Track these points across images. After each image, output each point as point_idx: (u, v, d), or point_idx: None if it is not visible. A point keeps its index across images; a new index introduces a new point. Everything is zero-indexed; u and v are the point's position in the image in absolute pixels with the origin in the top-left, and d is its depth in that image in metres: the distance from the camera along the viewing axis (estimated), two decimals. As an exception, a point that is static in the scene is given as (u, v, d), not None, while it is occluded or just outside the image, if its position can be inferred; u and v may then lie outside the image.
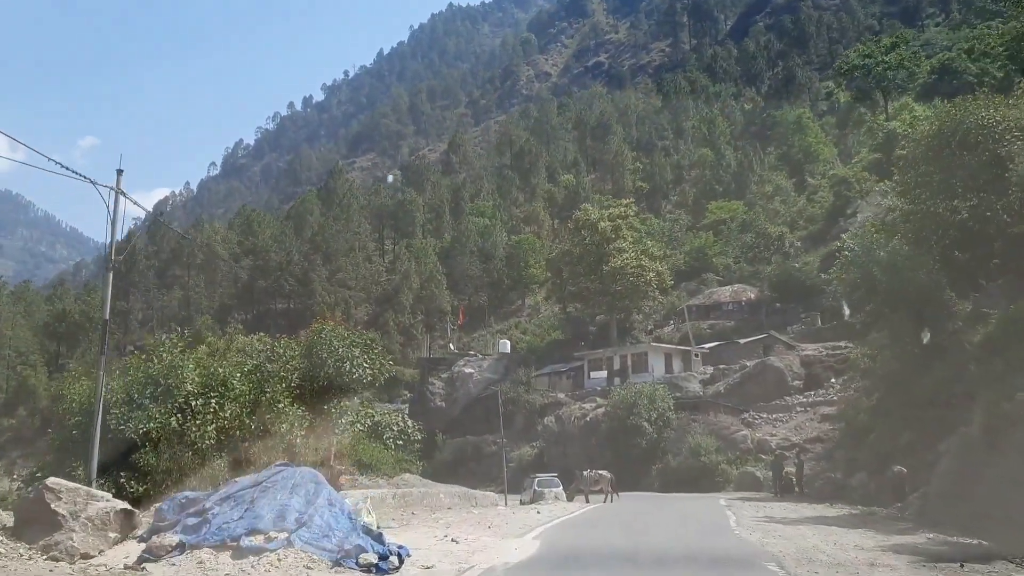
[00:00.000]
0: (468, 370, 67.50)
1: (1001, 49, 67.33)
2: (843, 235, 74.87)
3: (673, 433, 47.86)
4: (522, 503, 34.27)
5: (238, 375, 19.89)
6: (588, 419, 52.45)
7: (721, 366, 56.46)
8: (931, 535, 15.30)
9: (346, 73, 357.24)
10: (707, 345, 60.71)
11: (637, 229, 71.74)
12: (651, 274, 63.73)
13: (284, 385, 20.19)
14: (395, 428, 23.62)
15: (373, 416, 23.64)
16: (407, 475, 20.46)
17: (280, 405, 19.03)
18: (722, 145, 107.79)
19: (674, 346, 60.53)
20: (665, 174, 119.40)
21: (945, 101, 74.80)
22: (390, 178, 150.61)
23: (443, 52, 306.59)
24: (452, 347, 76.75)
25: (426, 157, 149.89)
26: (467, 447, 61.93)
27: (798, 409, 49.46)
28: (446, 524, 15.67)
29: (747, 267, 77.32)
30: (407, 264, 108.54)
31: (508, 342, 71.85)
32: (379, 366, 23.54)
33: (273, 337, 27.33)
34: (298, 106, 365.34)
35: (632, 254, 64.26)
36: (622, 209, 66.85)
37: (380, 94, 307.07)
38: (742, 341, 58.92)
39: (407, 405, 71.15)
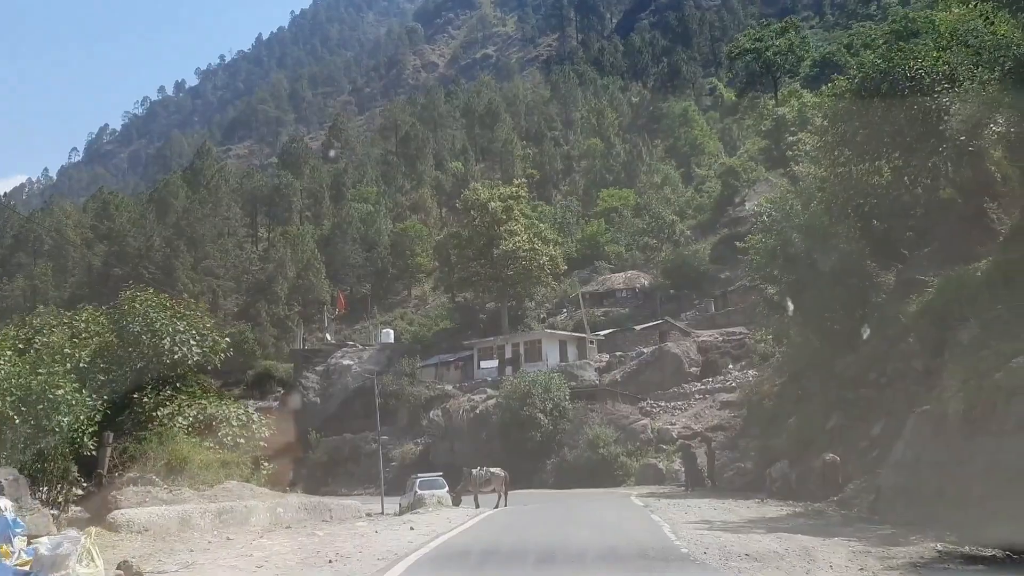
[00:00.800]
0: (346, 362, 61.97)
1: (882, 43, 67.50)
2: (748, 204, 74.05)
3: (569, 424, 44.16)
4: (400, 509, 29.55)
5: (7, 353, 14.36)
6: (478, 411, 48.15)
7: (617, 353, 53.31)
8: (939, 545, 11.59)
9: (222, 58, 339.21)
10: (602, 332, 57.50)
11: (528, 216, 68.00)
12: (544, 258, 60.07)
13: (69, 365, 14.78)
14: (235, 424, 18.61)
15: (206, 408, 18.55)
16: (231, 483, 15.45)
17: (59, 392, 13.67)
18: (611, 135, 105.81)
19: (569, 333, 57.02)
20: (555, 164, 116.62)
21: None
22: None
23: (326, 39, 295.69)
24: (329, 337, 70.87)
25: (307, 145, 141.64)
26: (344, 446, 56.49)
27: (696, 396, 46.75)
28: (264, 557, 10.58)
29: (639, 255, 75.00)
30: (282, 252, 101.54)
31: (391, 331, 66.72)
32: (211, 345, 18.32)
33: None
34: (169, 91, 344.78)
35: (524, 237, 60.43)
36: (513, 190, 62.90)
37: (259, 80, 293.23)
38: (638, 328, 56.00)
39: (277, 403, 65.09)
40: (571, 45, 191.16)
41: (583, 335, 55.92)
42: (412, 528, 16.09)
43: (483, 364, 55.05)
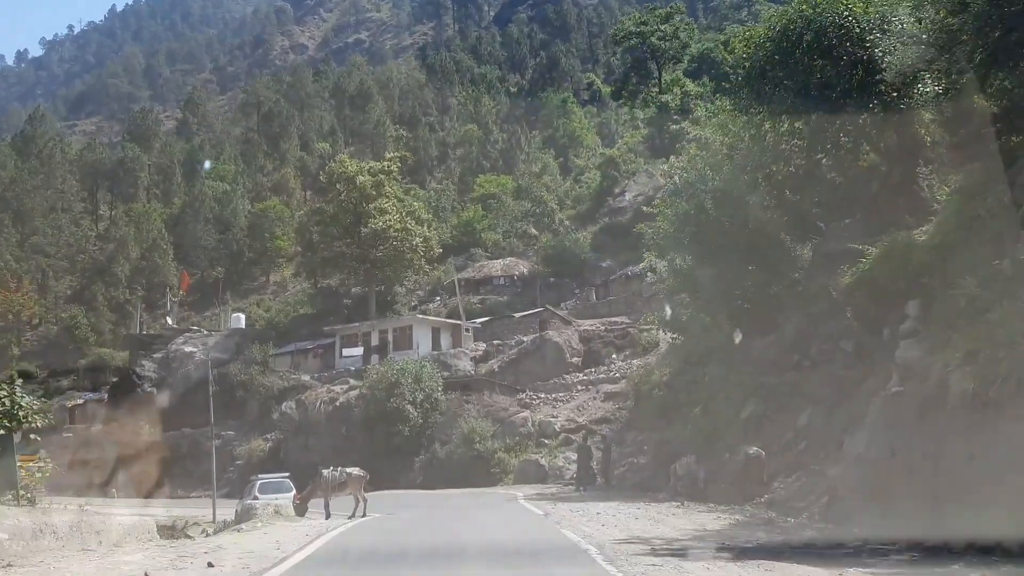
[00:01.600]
0: (189, 349, 54.94)
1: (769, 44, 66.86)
2: (628, 195, 71.66)
3: (442, 418, 39.62)
4: (236, 516, 24.14)
5: None
6: (338, 404, 42.81)
7: (495, 342, 49.23)
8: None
9: (70, 28, 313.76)
10: (479, 320, 53.28)
11: (402, 199, 62.82)
12: (417, 239, 55.23)
13: None
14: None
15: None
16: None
17: None
18: (490, 122, 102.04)
19: (442, 319, 52.46)
20: (430, 149, 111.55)
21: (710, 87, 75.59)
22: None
23: (187, 14, 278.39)
24: (170, 321, 63.21)
25: (157, 117, 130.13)
26: (183, 442, 49.71)
27: (579, 388, 43.22)
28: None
29: (518, 243, 71.31)
30: (124, 230, 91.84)
31: (243, 316, 60.02)
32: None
33: None
34: (9, 60, 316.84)
35: (396, 216, 55.37)
36: (385, 164, 57.66)
37: (111, 53, 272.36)
38: (517, 315, 52.15)
39: (107, 395, 57.36)
40: (448, 34, 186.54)
41: (458, 322, 51.52)
42: (210, 566, 10.77)
43: (345, 352, 49.66)
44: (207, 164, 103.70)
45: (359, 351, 48.44)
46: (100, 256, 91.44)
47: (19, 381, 16.88)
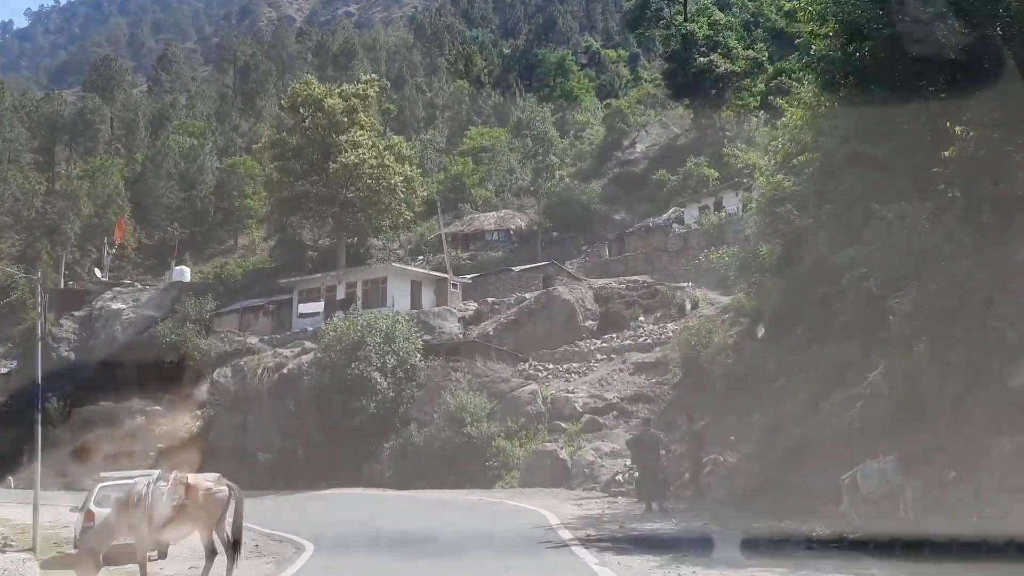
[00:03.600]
0: (117, 306, 43.59)
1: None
2: (639, 146, 60.66)
3: (420, 391, 28.66)
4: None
5: None
6: (286, 371, 31.68)
7: (490, 299, 38.19)
8: None
9: (56, 0, 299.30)
10: (469, 276, 42.27)
11: (380, 132, 51.31)
12: (397, 178, 43.89)
13: None
14: None
15: None
16: None
17: None
18: (482, 77, 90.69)
19: (424, 271, 41.32)
20: (416, 110, 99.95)
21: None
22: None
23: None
24: (99, 274, 51.66)
25: (122, 67, 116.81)
26: (99, 419, 38.43)
27: (598, 356, 32.24)
28: None
29: (513, 199, 60.11)
30: (77, 185, 79.87)
31: (187, 269, 48.66)
32: None
33: None
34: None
35: (373, 149, 44.06)
36: (361, 87, 46.09)
37: (97, 25, 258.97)
38: (516, 269, 41.19)
39: (15, 361, 46.11)
40: (439, 3, 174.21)
41: (443, 275, 40.46)
42: None
43: (303, 309, 38.49)
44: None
45: (319, 307, 37.23)
46: (50, 212, 79.55)
47: None
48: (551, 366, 31.68)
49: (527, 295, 37.02)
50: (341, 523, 17.22)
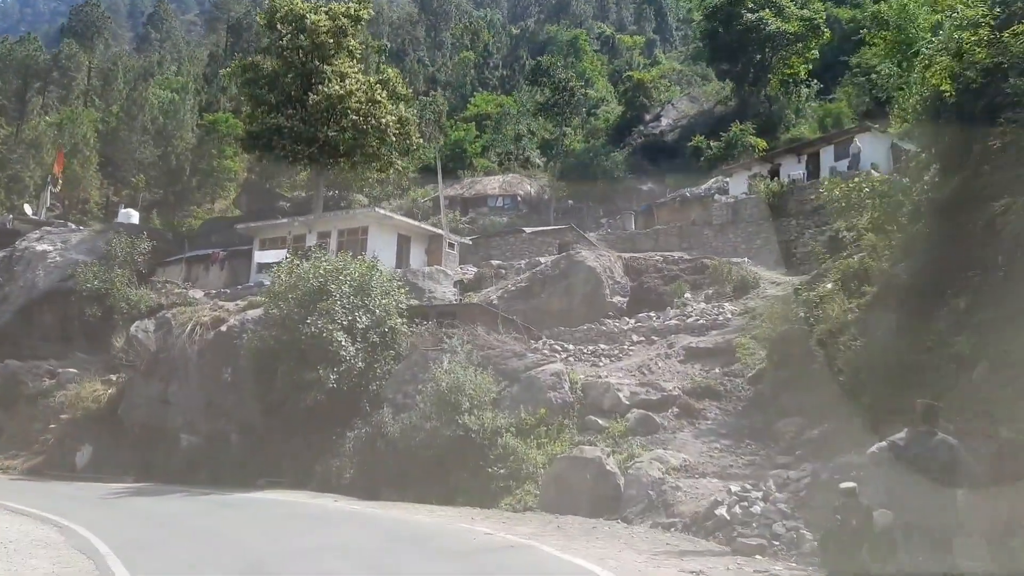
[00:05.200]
0: (42, 247, 35.12)
1: None
2: (665, 120, 52.54)
3: (399, 364, 20.54)
4: None
5: None
6: (224, 329, 23.35)
7: (494, 262, 30.08)
8: None
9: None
10: (469, 238, 34.20)
11: (368, 63, 43.11)
12: (388, 118, 35.78)
13: None
14: None
15: None
16: None
17: None
18: (490, 46, 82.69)
19: (414, 223, 33.11)
20: (418, 84, 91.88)
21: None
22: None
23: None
24: (29, 211, 43.12)
25: (104, 14, 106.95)
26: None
27: (634, 339, 24.21)
28: None
29: (520, 170, 51.96)
30: (42, 132, 71.27)
31: (135, 213, 40.21)
32: None
33: None
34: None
35: (361, 81, 35.97)
36: (352, 6, 37.76)
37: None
38: (528, 230, 33.10)
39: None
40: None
41: (437, 230, 32.32)
42: None
43: (262, 258, 30.25)
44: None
45: (280, 254, 28.82)
46: (9, 157, 70.85)
47: None
48: (571, 347, 23.63)
49: (542, 259, 28.95)
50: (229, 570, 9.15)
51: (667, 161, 45.27)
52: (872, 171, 28.89)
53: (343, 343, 19.46)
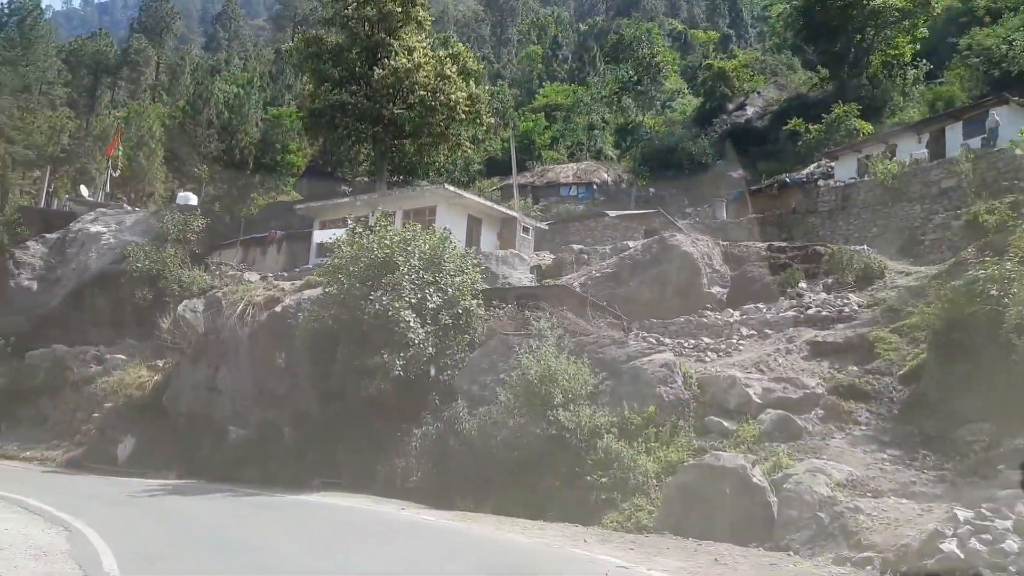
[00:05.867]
0: (96, 229, 33.45)
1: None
2: (750, 109, 48.85)
3: (474, 352, 17.60)
4: None
5: None
6: (279, 310, 20.79)
7: (575, 246, 26.98)
8: None
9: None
10: (546, 223, 31.22)
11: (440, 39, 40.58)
12: (459, 94, 33.14)
13: None
14: None
15: None
16: None
17: None
18: (559, 37, 79.76)
19: (487, 202, 30.26)
20: (483, 83, 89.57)
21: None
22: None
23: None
24: (86, 192, 41.77)
25: (172, 9, 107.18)
26: (44, 365, 28.34)
27: (743, 331, 20.83)
28: None
29: (592, 163, 48.69)
30: (108, 125, 71.17)
31: (194, 196, 38.43)
32: None
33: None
34: (76, 3, 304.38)
35: (429, 55, 33.42)
36: (423, -24, 35.22)
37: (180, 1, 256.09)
38: (612, 214, 29.93)
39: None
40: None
41: (511, 212, 29.42)
42: None
43: (319, 237, 27.76)
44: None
45: (340, 233, 26.22)
46: (77, 150, 70.89)
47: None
48: (667, 341, 20.36)
49: (631, 243, 25.77)
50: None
51: (757, 147, 41.55)
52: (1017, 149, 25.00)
53: (411, 324, 16.62)
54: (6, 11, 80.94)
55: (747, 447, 13.11)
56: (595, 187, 40.19)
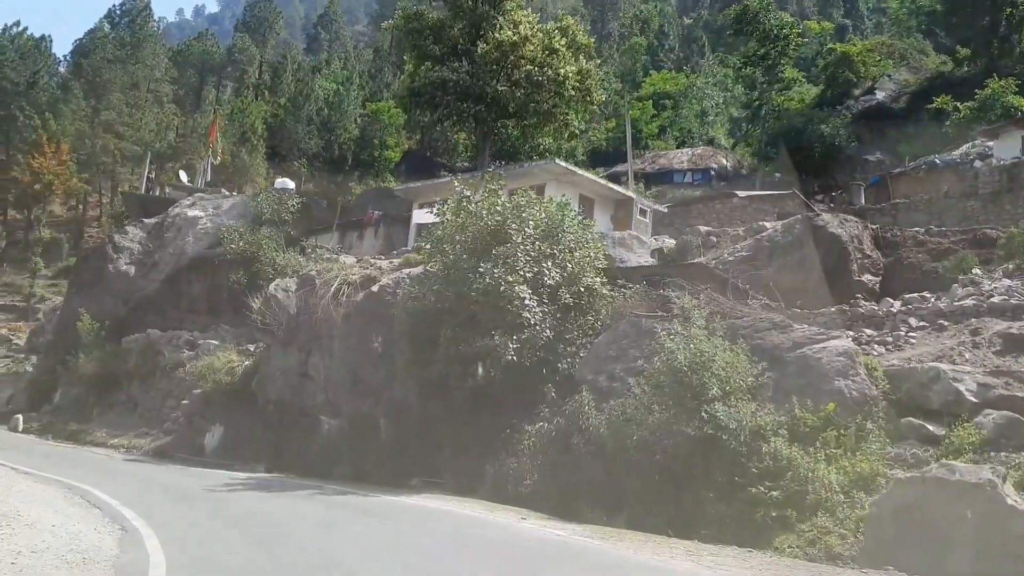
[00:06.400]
0: (193, 213, 32.62)
1: None
2: (880, 93, 44.63)
3: (600, 336, 15.03)
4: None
5: None
6: (377, 289, 18.80)
7: (702, 227, 24.10)
8: None
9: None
10: (664, 204, 28.43)
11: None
12: (569, 69, 30.74)
13: None
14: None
15: None
16: None
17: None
18: (665, 26, 76.38)
19: (601, 180, 27.70)
20: (593, 59, 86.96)
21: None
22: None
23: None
24: (184, 178, 41.34)
25: (276, 8, 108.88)
26: (136, 351, 27.46)
27: (912, 323, 17.47)
28: None
29: (705, 150, 45.27)
30: (208, 120, 72.42)
31: (291, 182, 37.32)
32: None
33: None
34: (188, 14, 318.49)
35: (536, 28, 31.17)
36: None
37: (282, 9, 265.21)
38: (741, 194, 26.92)
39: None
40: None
41: (627, 193, 26.75)
42: None
43: (419, 218, 25.86)
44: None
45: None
46: (181, 146, 72.39)
47: None
48: (820, 332, 17.21)
49: (768, 223, 22.69)
50: None
51: (895, 130, 37.46)
52: None
53: (526, 301, 14.21)
54: (118, 12, 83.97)
55: (969, 457, 10.07)
56: (713, 173, 36.97)
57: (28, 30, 76.13)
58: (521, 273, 14.49)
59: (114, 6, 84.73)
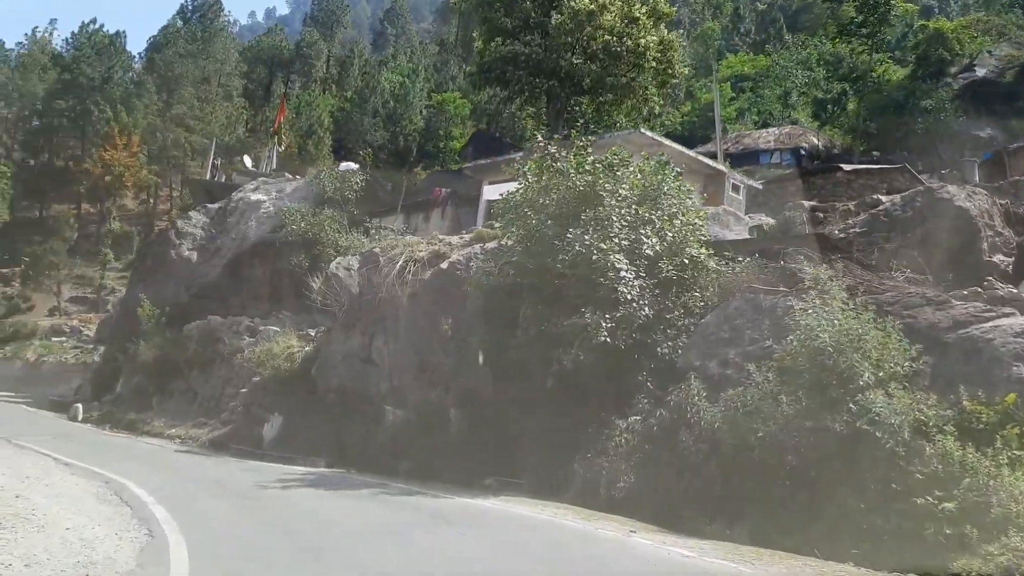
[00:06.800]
0: (256, 197, 31.51)
1: None
2: (980, 70, 41.07)
3: (708, 315, 12.86)
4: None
5: None
6: (447, 266, 17.01)
7: (806, 203, 21.57)
8: None
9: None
10: (759, 180, 25.99)
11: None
12: (650, 39, 28.50)
13: None
14: None
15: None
16: None
17: None
18: (741, 7, 73.08)
19: (690, 152, 25.44)
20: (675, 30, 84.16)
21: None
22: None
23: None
24: (248, 163, 40.43)
25: (344, 3, 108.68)
26: (197, 337, 26.37)
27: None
28: None
29: (791, 130, 42.18)
30: (275, 112, 72.40)
31: (355, 166, 35.99)
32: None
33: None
34: (260, 16, 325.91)
35: (613, 4, 28.97)
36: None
37: (352, 5, 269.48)
38: (846, 167, 24.30)
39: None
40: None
41: (719, 166, 24.46)
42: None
43: (489, 194, 24.00)
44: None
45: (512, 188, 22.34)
46: (249, 138, 72.56)
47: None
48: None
49: (884, 198, 20.05)
50: None
51: (1004, 105, 34.01)
52: None
53: (622, 273, 12.15)
54: (189, 7, 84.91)
55: None
56: (803, 153, 34.14)
57: (104, 27, 77.57)
58: (616, 240, 12.44)
59: (186, 2, 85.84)
